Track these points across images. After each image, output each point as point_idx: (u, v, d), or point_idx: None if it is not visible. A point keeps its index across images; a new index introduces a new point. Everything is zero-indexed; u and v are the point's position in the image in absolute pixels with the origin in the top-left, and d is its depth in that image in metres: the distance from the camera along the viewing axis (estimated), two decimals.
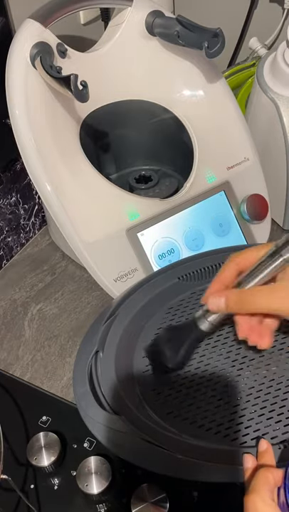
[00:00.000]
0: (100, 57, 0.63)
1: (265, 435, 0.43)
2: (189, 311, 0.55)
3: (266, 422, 0.44)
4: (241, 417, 0.45)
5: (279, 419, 0.44)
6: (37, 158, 0.56)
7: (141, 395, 0.47)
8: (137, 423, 0.43)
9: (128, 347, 0.51)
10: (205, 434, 0.44)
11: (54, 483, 0.51)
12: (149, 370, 0.50)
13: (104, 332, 0.52)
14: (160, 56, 0.65)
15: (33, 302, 0.71)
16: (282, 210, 0.76)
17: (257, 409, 0.45)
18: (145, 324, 0.54)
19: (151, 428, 0.43)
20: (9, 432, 0.52)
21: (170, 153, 0.72)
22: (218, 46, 0.55)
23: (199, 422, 0.45)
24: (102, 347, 0.50)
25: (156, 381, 0.48)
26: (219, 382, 0.48)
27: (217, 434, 0.44)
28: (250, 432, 0.44)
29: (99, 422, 0.44)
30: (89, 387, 0.47)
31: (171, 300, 0.57)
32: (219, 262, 0.59)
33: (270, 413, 0.45)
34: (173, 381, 0.48)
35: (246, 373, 0.48)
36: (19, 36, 0.55)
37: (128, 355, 0.51)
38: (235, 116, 0.68)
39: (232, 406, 0.46)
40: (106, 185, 0.60)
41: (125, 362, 0.50)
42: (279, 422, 0.44)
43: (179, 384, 0.48)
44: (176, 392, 0.47)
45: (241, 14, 0.86)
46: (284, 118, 0.68)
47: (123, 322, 0.53)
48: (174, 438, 0.43)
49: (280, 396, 0.46)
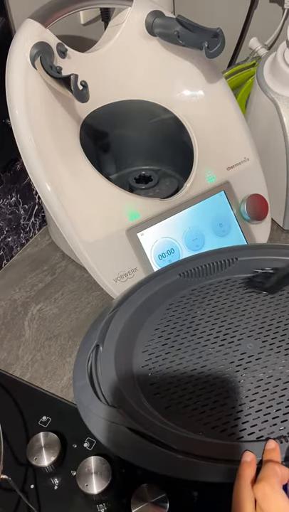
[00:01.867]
0: (100, 57, 0.63)
1: (262, 430, 0.43)
2: (190, 308, 0.56)
3: (264, 417, 0.44)
4: (239, 412, 0.45)
5: (277, 415, 0.45)
6: (37, 158, 0.56)
7: (140, 389, 0.48)
8: (136, 416, 0.43)
9: (128, 342, 0.52)
10: (203, 428, 0.44)
11: (54, 483, 0.51)
12: (149, 364, 0.50)
13: (104, 327, 0.52)
14: (160, 56, 0.65)
15: (33, 302, 0.71)
16: (282, 210, 0.76)
17: (255, 405, 0.46)
18: (146, 320, 0.54)
19: (149, 422, 0.43)
20: (9, 432, 0.53)
21: (170, 153, 0.72)
22: (218, 46, 0.55)
23: (197, 416, 0.45)
24: (102, 341, 0.50)
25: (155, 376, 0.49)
26: (218, 379, 0.48)
27: (215, 428, 0.44)
28: (248, 427, 0.44)
29: (96, 414, 0.44)
30: (88, 380, 0.47)
31: (171, 296, 0.57)
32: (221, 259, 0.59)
33: (268, 409, 0.45)
34: (172, 376, 0.49)
35: (245, 369, 0.49)
36: (19, 36, 0.55)
37: (128, 349, 0.51)
38: (235, 116, 0.68)
39: (231, 401, 0.46)
40: (106, 185, 0.60)
41: (125, 356, 0.50)
42: (276, 418, 0.44)
43: (178, 379, 0.48)
44: (175, 387, 0.48)
45: (241, 14, 0.86)
46: (284, 118, 0.68)
47: (123, 317, 0.53)
48: (172, 432, 0.43)
49: (278, 392, 0.46)
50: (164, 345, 0.52)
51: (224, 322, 0.54)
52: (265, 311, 0.55)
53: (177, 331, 0.54)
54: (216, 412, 0.45)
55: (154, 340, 0.53)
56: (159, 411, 0.46)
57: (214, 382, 0.48)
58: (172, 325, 0.54)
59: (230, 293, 0.57)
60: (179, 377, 0.49)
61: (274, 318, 0.54)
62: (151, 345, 0.52)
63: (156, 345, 0.52)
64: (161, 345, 0.52)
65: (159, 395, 0.47)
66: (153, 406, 0.46)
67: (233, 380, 0.48)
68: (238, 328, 0.53)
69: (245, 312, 0.55)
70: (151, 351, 0.52)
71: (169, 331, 0.54)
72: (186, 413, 0.46)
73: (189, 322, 0.54)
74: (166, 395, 0.47)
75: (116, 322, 0.52)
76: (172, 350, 0.52)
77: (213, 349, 0.51)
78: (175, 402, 0.47)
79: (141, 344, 0.52)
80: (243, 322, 0.54)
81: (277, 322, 0.53)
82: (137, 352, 0.51)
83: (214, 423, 0.45)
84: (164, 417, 0.45)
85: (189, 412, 0.46)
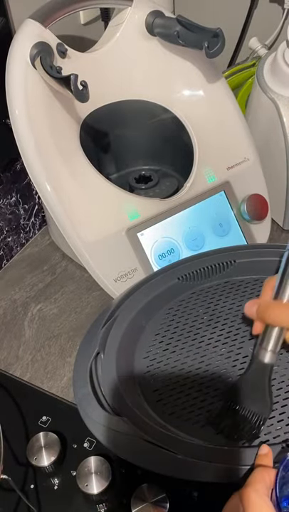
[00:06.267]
0: (100, 57, 0.63)
1: (268, 434, 0.43)
2: (189, 311, 0.55)
3: (268, 421, 0.44)
4: None
5: (281, 419, 0.44)
6: (37, 158, 0.56)
7: (142, 395, 0.47)
8: (139, 424, 0.43)
9: (129, 348, 0.51)
10: (207, 434, 0.44)
11: (54, 483, 0.51)
12: (151, 370, 0.50)
13: (104, 333, 0.52)
14: (160, 56, 0.65)
15: (33, 302, 0.71)
16: (282, 210, 0.76)
17: None
18: (146, 325, 0.54)
19: (153, 429, 0.43)
20: (9, 431, 0.52)
21: (170, 153, 0.72)
22: (218, 46, 0.55)
23: (201, 422, 0.45)
24: (102, 348, 0.50)
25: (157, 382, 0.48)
26: (221, 383, 0.48)
27: (219, 434, 0.44)
28: None
29: (101, 424, 0.44)
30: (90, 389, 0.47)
31: (171, 300, 0.57)
32: (219, 262, 0.59)
33: (273, 412, 0.45)
34: (174, 381, 0.48)
35: None
36: (19, 36, 0.55)
37: (129, 355, 0.51)
38: (235, 116, 0.68)
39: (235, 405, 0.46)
40: (106, 185, 0.60)
41: (126, 363, 0.50)
42: (281, 422, 0.44)
43: (181, 384, 0.48)
44: (177, 393, 0.47)
45: (241, 14, 0.86)
46: (284, 118, 0.68)
47: (123, 323, 0.53)
48: (176, 439, 0.43)
49: (281, 395, 0.46)
50: (165, 350, 0.52)
51: (225, 325, 0.53)
52: None
53: (178, 335, 0.53)
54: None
55: (155, 345, 0.52)
56: (163, 418, 0.45)
57: (218, 387, 0.47)
58: (173, 329, 0.54)
59: (230, 295, 0.57)
60: (181, 383, 0.48)
61: None
62: (152, 351, 0.52)
63: (158, 350, 0.52)
64: (162, 351, 0.52)
65: (163, 401, 0.47)
66: (156, 413, 0.46)
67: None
68: (240, 331, 0.53)
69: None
70: (153, 357, 0.51)
71: (169, 335, 0.53)
72: (191, 419, 0.45)
73: (190, 326, 0.54)
74: (170, 401, 0.47)
75: (116, 328, 0.52)
76: (174, 355, 0.51)
77: (215, 353, 0.50)
78: (179, 408, 0.46)
79: (142, 350, 0.51)
80: (244, 324, 0.53)
81: None
82: (138, 358, 0.51)
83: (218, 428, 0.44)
84: (169, 424, 0.45)
85: (193, 417, 0.45)
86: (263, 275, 0.59)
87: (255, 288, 0.58)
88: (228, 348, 0.51)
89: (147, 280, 0.58)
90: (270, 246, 0.66)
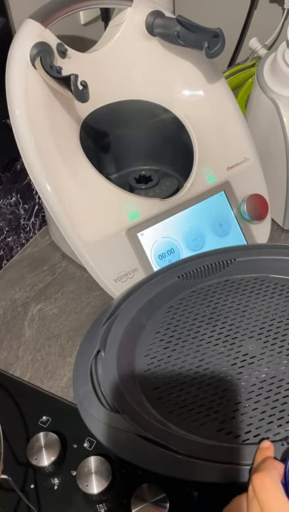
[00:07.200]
0: (100, 57, 0.63)
1: (268, 432, 0.43)
2: (190, 310, 0.56)
3: (268, 418, 0.44)
4: (243, 415, 0.45)
5: (281, 416, 0.44)
6: (37, 158, 0.56)
7: (142, 393, 0.48)
8: (139, 421, 0.43)
9: (129, 346, 0.52)
10: (207, 431, 0.44)
11: (54, 483, 0.51)
12: (151, 368, 0.50)
13: (105, 331, 0.52)
14: (160, 56, 0.65)
15: (33, 302, 0.71)
16: (282, 210, 0.76)
17: (259, 407, 0.45)
18: (146, 323, 0.54)
19: (153, 426, 0.43)
20: (9, 431, 0.52)
21: (170, 153, 0.72)
22: (218, 46, 0.55)
23: (201, 420, 0.45)
24: (103, 346, 0.50)
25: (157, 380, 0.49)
26: (221, 381, 0.48)
27: (219, 431, 0.44)
28: (253, 429, 0.44)
29: (101, 421, 0.44)
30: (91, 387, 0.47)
31: (171, 299, 0.57)
32: (219, 260, 0.59)
33: (272, 410, 0.45)
34: (175, 379, 0.48)
35: (247, 371, 0.49)
36: (19, 36, 0.55)
37: (129, 354, 0.51)
38: (235, 116, 0.68)
39: (234, 404, 0.46)
40: (106, 185, 0.60)
41: (127, 361, 0.50)
42: (281, 419, 0.44)
43: (181, 382, 0.48)
44: (178, 391, 0.48)
45: (241, 14, 0.86)
46: (284, 118, 0.68)
47: (124, 321, 0.53)
48: (177, 436, 0.43)
49: (281, 393, 0.46)
50: (165, 348, 0.52)
51: (225, 323, 0.54)
52: (266, 312, 0.55)
53: (178, 333, 0.53)
54: (220, 414, 0.45)
55: (156, 343, 0.53)
56: (163, 415, 0.45)
57: (218, 385, 0.48)
58: (173, 328, 0.54)
59: (230, 294, 0.57)
60: (181, 381, 0.48)
61: (275, 319, 0.54)
62: (153, 349, 0.52)
63: (158, 348, 0.52)
64: (162, 349, 0.52)
65: (163, 399, 0.47)
66: (156, 410, 0.46)
67: (237, 382, 0.48)
68: (239, 330, 0.53)
69: (245, 313, 0.55)
70: (153, 355, 0.52)
71: (169, 334, 0.54)
72: (191, 417, 0.45)
73: (190, 324, 0.54)
74: (170, 399, 0.47)
75: (116, 327, 0.52)
76: (174, 354, 0.51)
77: (215, 351, 0.51)
78: (179, 406, 0.46)
79: (142, 348, 0.52)
80: (244, 323, 0.54)
81: (278, 322, 0.53)
82: (138, 356, 0.51)
83: (219, 426, 0.44)
84: (169, 422, 0.45)
85: (194, 415, 0.45)
86: (262, 274, 0.60)
87: (255, 286, 0.58)
88: (228, 346, 0.51)
89: (148, 280, 0.58)
90: (270, 246, 0.66)
